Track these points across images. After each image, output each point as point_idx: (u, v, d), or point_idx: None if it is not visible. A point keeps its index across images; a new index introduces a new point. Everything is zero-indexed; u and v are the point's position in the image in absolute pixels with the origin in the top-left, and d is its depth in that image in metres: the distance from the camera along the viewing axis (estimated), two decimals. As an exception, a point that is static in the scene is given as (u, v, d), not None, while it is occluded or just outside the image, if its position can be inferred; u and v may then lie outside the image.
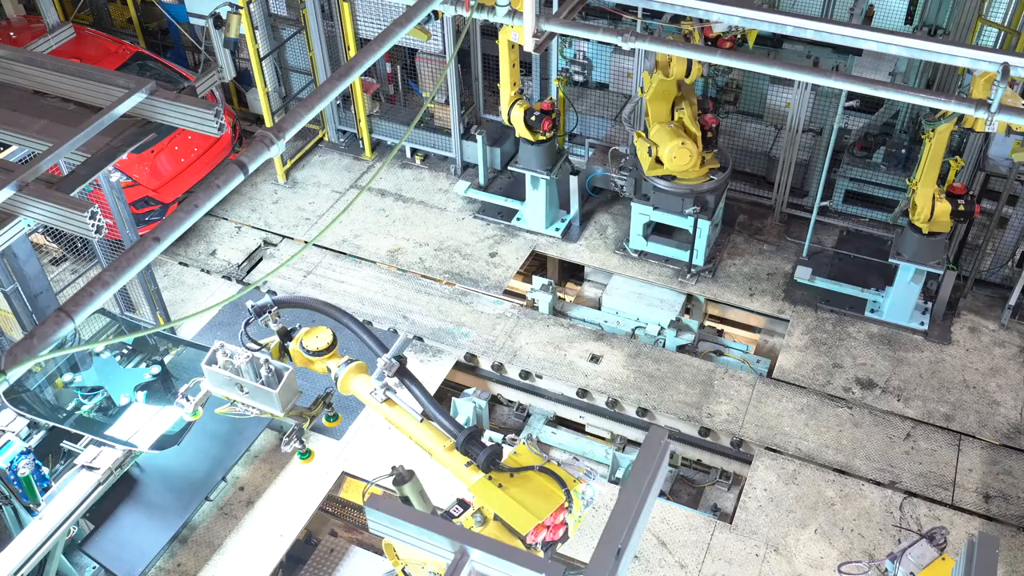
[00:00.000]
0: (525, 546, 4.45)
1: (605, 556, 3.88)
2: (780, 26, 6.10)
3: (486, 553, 3.92)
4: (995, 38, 8.89)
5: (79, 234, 4.67)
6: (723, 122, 9.35)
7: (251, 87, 11.08)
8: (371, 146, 11.07)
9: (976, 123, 6.88)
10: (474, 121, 10.65)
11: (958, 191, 8.06)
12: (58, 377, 7.46)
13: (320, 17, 10.39)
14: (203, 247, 9.89)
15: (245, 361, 5.29)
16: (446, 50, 10.05)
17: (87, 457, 6.57)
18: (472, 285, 9.30)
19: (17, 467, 6.10)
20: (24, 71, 5.50)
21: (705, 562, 6.91)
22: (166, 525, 6.97)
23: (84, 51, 9.58)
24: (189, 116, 5.24)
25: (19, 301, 7.08)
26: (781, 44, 9.04)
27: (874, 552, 6.99)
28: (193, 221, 3.98)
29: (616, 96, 10.61)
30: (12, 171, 4.79)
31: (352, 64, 4.93)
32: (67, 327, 3.48)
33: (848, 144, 9.75)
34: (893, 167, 9.44)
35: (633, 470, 4.25)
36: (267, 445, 7.68)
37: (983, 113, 5.75)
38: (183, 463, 7.26)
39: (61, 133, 5.15)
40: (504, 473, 4.58)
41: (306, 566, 7.15)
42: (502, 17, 6.66)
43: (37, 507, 6.28)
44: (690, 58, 7.98)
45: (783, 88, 9.75)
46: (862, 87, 6.04)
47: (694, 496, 7.68)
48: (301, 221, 10.21)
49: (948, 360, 8.52)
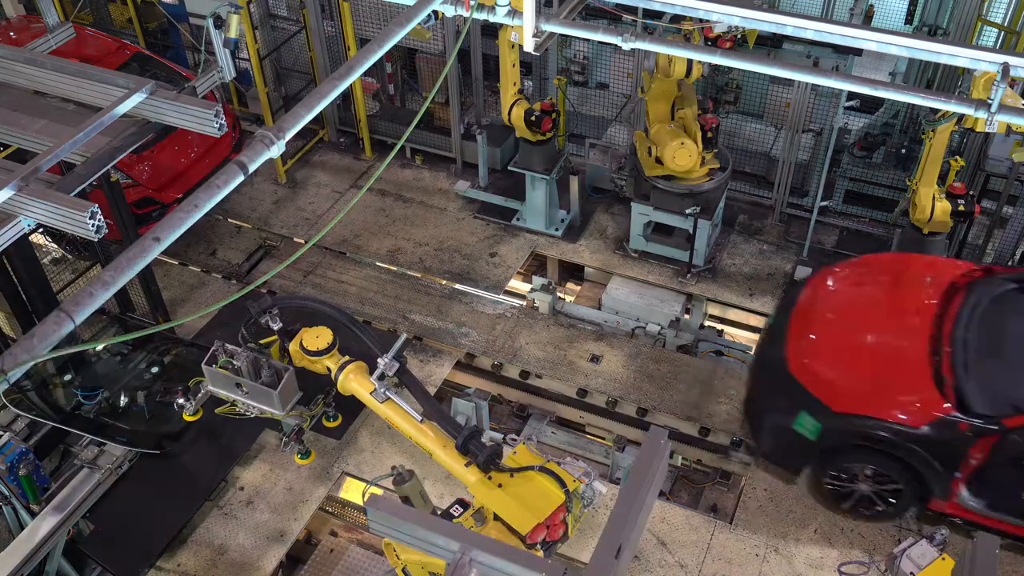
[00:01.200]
0: (526, 546, 4.46)
1: (605, 556, 3.88)
2: (780, 26, 6.10)
3: (486, 553, 3.92)
4: (995, 38, 8.89)
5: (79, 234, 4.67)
6: (723, 122, 9.35)
7: (251, 87, 11.09)
8: (371, 146, 11.08)
9: (976, 123, 6.87)
10: (474, 121, 10.65)
11: (958, 191, 8.06)
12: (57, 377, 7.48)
13: (320, 17, 10.40)
14: (203, 247, 9.89)
15: (245, 361, 5.30)
16: (446, 50, 10.05)
17: (87, 457, 6.57)
18: (472, 285, 9.30)
19: (17, 467, 6.10)
20: (24, 71, 5.51)
21: (705, 562, 6.91)
22: (166, 525, 6.97)
23: (84, 51, 9.57)
24: (189, 116, 5.24)
25: (19, 301, 7.08)
26: (781, 44, 9.04)
27: (874, 552, 6.99)
28: (193, 221, 3.98)
29: (616, 96, 10.62)
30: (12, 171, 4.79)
31: (352, 64, 4.92)
32: (67, 327, 3.48)
33: (848, 144, 9.75)
34: (893, 167, 9.45)
35: (633, 470, 4.26)
36: (267, 445, 7.68)
37: (983, 113, 5.75)
38: (183, 463, 7.27)
39: (61, 133, 5.16)
40: (504, 473, 4.60)
41: (306, 566, 7.15)
42: (502, 17, 6.65)
43: (37, 507, 6.28)
44: (690, 58, 7.98)
45: (783, 88, 9.75)
46: (862, 87, 6.03)
47: (694, 496, 7.68)
48: (301, 221, 10.21)
49: (948, 360, 8.51)
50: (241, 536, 7.11)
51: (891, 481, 6.62)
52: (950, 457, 6.24)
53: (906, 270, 7.66)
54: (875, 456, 6.50)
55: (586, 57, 10.73)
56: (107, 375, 7.65)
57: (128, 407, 7.37)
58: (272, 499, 7.33)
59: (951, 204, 8.00)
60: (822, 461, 6.79)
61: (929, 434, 6.23)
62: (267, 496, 7.35)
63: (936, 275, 7.36)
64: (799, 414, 6.57)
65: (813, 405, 6.54)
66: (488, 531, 4.53)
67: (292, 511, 7.25)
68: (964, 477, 6.34)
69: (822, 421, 6.49)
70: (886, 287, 7.49)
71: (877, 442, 6.39)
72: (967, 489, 6.38)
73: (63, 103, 5.82)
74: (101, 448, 6.65)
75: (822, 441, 6.56)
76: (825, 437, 6.54)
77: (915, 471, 6.38)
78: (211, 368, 5.41)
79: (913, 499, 6.69)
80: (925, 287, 7.21)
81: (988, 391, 6.30)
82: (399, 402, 4.95)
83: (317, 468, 7.51)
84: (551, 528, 4.52)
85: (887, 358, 6.71)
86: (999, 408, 6.18)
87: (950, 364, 6.48)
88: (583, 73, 10.86)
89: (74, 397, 7.35)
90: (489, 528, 4.55)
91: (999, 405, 6.20)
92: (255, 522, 7.19)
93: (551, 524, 4.51)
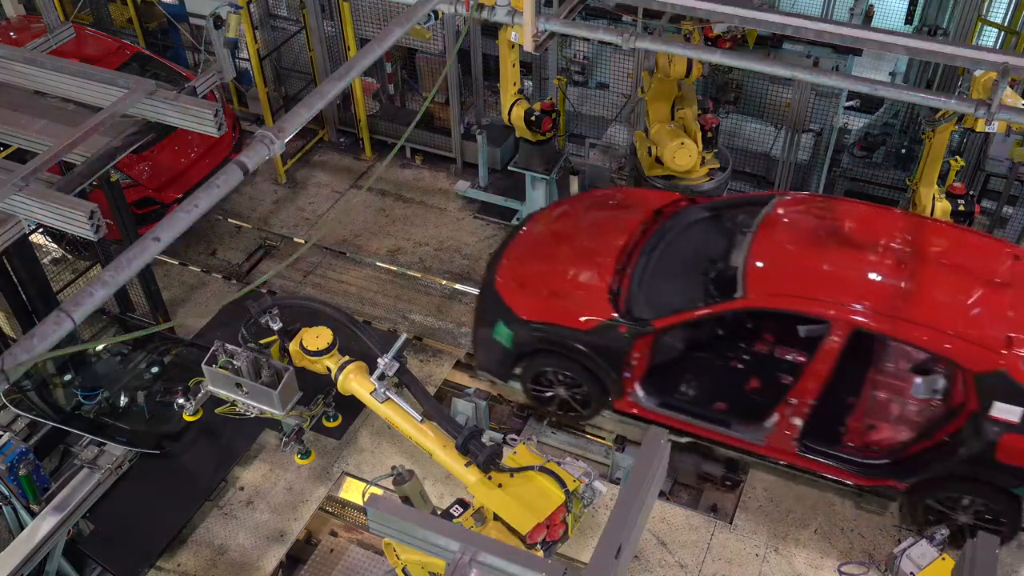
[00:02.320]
0: (526, 546, 4.46)
1: (605, 556, 3.88)
2: (780, 26, 6.11)
3: (487, 553, 3.92)
4: (995, 38, 8.90)
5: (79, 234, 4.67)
6: (723, 122, 9.35)
7: (251, 87, 11.09)
8: (371, 146, 11.08)
9: (976, 123, 6.88)
10: (474, 121, 10.65)
11: (958, 191, 8.06)
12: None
13: (320, 17, 10.40)
14: (203, 247, 9.89)
15: (245, 361, 5.30)
16: (446, 50, 10.05)
17: (87, 457, 6.57)
18: (472, 285, 9.29)
19: (17, 467, 6.10)
20: (24, 71, 5.51)
21: (705, 562, 6.91)
22: (166, 525, 6.97)
23: (84, 51, 9.57)
24: (189, 116, 5.25)
25: (19, 301, 7.08)
26: (781, 44, 9.04)
27: (874, 552, 6.99)
28: (193, 221, 3.98)
29: (616, 96, 10.61)
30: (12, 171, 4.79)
31: (352, 64, 4.93)
32: (67, 327, 3.48)
33: (848, 144, 9.75)
34: (893, 167, 9.45)
35: (633, 470, 4.26)
36: (267, 445, 7.68)
37: (983, 113, 5.76)
38: (183, 463, 7.26)
39: (61, 133, 5.16)
40: (504, 473, 4.60)
41: (306, 566, 7.15)
42: (502, 17, 6.67)
43: (37, 507, 6.28)
44: (690, 58, 7.99)
45: (783, 88, 9.75)
46: (862, 87, 6.05)
47: (694, 496, 7.68)
48: (301, 221, 10.21)
49: (948, 360, 8.51)
50: (241, 536, 7.11)
51: (579, 385, 7.30)
52: (616, 358, 6.97)
53: (618, 201, 8.40)
54: (560, 360, 7.23)
55: (586, 57, 10.73)
56: (107, 375, 7.65)
57: (128, 407, 7.37)
58: (272, 499, 7.33)
59: (951, 204, 7.99)
60: (523, 368, 7.47)
61: (595, 337, 6.97)
62: (267, 496, 7.35)
63: (643, 205, 8.09)
64: (497, 324, 7.35)
65: (507, 315, 7.30)
66: (488, 531, 4.53)
67: (292, 511, 7.25)
68: (636, 377, 7.06)
69: (513, 329, 7.26)
70: (594, 216, 8.18)
71: (555, 345, 7.15)
72: (640, 388, 7.10)
73: (63, 103, 5.83)
74: (101, 448, 6.64)
75: (515, 348, 7.31)
76: (516, 344, 7.29)
77: (592, 373, 7.11)
78: (211, 368, 5.41)
79: (599, 400, 7.35)
80: (628, 215, 7.94)
81: (648, 300, 7.09)
82: (399, 402, 4.95)
83: (317, 468, 7.51)
84: (551, 528, 4.53)
85: (573, 275, 7.44)
86: (652, 312, 6.93)
87: (628, 280, 7.25)
88: (583, 73, 10.86)
89: (74, 397, 7.35)
90: (489, 528, 4.55)
91: (653, 310, 6.95)
92: (255, 522, 7.19)
93: (551, 524, 4.51)
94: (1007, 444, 6.10)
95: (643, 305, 7.04)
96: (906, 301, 6.41)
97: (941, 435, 6.44)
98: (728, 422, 7.01)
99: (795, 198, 7.69)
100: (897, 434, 6.96)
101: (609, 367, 7.02)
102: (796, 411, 6.64)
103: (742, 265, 6.79)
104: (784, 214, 7.35)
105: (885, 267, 6.70)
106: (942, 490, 6.55)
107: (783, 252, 6.98)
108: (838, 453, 6.81)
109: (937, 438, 6.46)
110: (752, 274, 6.71)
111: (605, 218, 8.05)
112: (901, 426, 7.02)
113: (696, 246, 7.50)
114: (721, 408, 7.14)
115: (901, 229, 7.03)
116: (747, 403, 7.13)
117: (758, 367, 7.47)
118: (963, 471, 6.36)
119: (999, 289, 6.55)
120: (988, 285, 6.57)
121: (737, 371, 7.47)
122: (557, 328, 7.10)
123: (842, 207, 7.47)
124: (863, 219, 7.23)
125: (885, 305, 6.39)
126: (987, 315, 6.39)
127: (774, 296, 6.65)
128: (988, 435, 6.13)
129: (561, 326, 7.08)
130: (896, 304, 6.39)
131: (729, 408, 7.13)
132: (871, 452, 6.84)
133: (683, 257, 7.43)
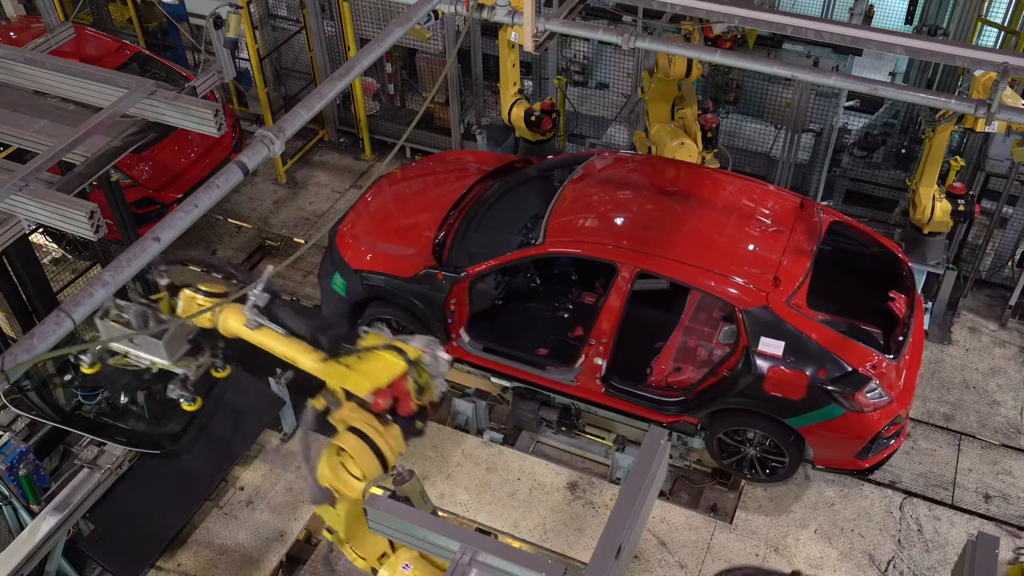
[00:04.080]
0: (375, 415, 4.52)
1: (605, 556, 3.89)
2: (780, 26, 6.10)
3: (487, 553, 3.93)
4: (995, 38, 8.90)
5: (79, 234, 4.68)
6: (723, 122, 9.35)
7: (251, 87, 11.08)
8: (371, 146, 11.07)
9: (976, 123, 6.88)
10: (474, 121, 10.64)
11: (958, 191, 8.06)
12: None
13: (320, 17, 10.40)
14: (203, 247, 9.88)
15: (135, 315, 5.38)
16: (446, 50, 10.05)
17: (87, 457, 6.57)
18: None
19: (17, 467, 6.10)
20: (24, 71, 5.51)
21: (705, 562, 6.91)
22: (166, 525, 6.97)
23: (84, 51, 9.56)
24: (189, 116, 5.25)
25: (19, 301, 7.08)
26: (781, 44, 9.04)
27: (874, 552, 6.99)
28: (193, 221, 3.98)
29: (616, 96, 10.62)
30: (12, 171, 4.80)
31: (352, 64, 4.93)
32: (67, 327, 3.49)
33: (848, 144, 9.75)
34: (893, 167, 9.45)
35: (633, 470, 4.26)
36: (267, 445, 7.68)
37: (983, 113, 5.75)
38: (183, 463, 7.26)
39: (61, 133, 5.17)
40: (352, 356, 4.69)
41: (306, 566, 7.15)
42: (502, 17, 6.66)
43: (37, 507, 6.28)
44: (690, 58, 7.98)
45: (783, 88, 9.75)
46: (862, 87, 6.04)
47: (694, 496, 7.68)
48: (301, 221, 10.21)
49: (948, 360, 8.52)
50: (241, 536, 7.11)
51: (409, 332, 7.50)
52: (437, 304, 7.44)
53: (459, 163, 8.89)
54: (390, 308, 7.74)
55: (586, 57, 10.73)
56: (107, 375, 7.63)
57: (128, 407, 7.36)
58: (272, 499, 7.33)
59: (951, 204, 8.00)
60: (355, 315, 7.92)
61: (415, 285, 7.47)
62: (267, 496, 7.35)
63: (482, 166, 8.65)
64: (334, 275, 7.87)
65: (342, 266, 7.81)
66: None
67: (292, 511, 7.25)
68: (459, 324, 7.56)
69: (346, 278, 7.78)
70: (435, 177, 8.67)
71: (384, 292, 7.65)
72: (465, 334, 7.58)
73: (63, 103, 5.83)
74: (101, 448, 6.64)
75: (349, 296, 7.82)
76: (350, 292, 7.79)
77: (421, 320, 7.56)
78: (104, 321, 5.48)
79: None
80: (465, 176, 8.49)
81: (468, 251, 7.62)
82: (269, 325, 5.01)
83: (317, 468, 7.50)
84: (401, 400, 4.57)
85: (402, 229, 7.99)
86: (469, 261, 7.44)
87: (454, 233, 7.79)
88: (583, 73, 10.86)
89: (74, 397, 7.34)
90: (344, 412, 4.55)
91: (470, 259, 7.48)
92: (255, 522, 7.19)
93: (399, 394, 4.56)
94: (773, 376, 6.63)
95: (462, 255, 7.59)
96: (682, 245, 7.01)
97: (723, 372, 6.91)
98: (544, 365, 7.45)
99: (606, 156, 8.30)
100: (696, 375, 7.38)
101: (431, 314, 7.49)
102: (597, 351, 7.12)
103: (546, 216, 7.39)
104: (592, 171, 7.98)
105: (668, 215, 7.30)
106: (728, 424, 7.07)
107: (581, 203, 7.58)
108: (640, 392, 7.23)
109: (720, 375, 6.93)
110: (551, 223, 7.31)
111: (444, 179, 8.59)
112: (701, 368, 7.44)
113: (521, 203, 8.08)
114: (540, 353, 7.60)
115: (694, 182, 7.70)
116: (560, 347, 7.67)
117: (568, 313, 8.09)
118: (739, 403, 6.87)
119: (776, 235, 7.15)
120: (765, 231, 7.23)
121: (551, 317, 8.05)
122: (383, 276, 7.61)
123: (648, 163, 8.18)
124: (660, 173, 7.95)
125: (663, 249, 6.96)
126: (757, 257, 7.01)
127: (567, 242, 7.22)
128: (757, 369, 6.65)
129: (387, 274, 7.60)
130: (673, 248, 6.98)
131: (547, 352, 7.61)
132: (672, 392, 7.25)
133: (507, 213, 8.00)
